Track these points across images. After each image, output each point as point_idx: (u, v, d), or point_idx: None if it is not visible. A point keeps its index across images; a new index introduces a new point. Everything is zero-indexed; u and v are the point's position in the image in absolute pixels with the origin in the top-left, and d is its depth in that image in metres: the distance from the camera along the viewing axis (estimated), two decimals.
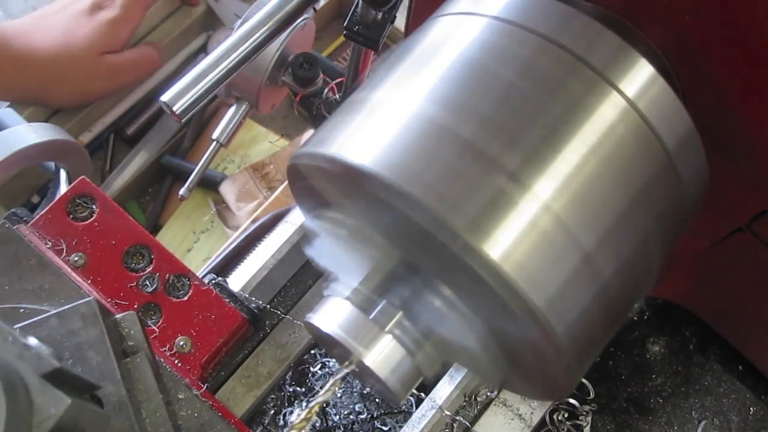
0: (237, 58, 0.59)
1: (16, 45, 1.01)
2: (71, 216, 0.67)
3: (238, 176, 1.15)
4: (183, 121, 0.59)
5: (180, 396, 0.55)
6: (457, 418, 0.71)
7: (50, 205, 0.67)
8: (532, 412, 0.73)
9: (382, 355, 0.48)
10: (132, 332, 0.53)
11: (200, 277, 0.68)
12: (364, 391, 0.78)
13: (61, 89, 1.07)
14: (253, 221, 1.00)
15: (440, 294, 0.47)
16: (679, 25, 0.50)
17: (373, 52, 0.74)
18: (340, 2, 1.25)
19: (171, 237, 1.12)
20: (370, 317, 0.49)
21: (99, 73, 1.08)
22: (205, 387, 0.58)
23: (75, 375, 0.42)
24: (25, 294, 0.56)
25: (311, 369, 0.79)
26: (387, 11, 0.64)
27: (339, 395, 0.77)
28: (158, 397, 0.50)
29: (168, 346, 0.64)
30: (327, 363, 0.79)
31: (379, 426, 0.76)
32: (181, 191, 0.80)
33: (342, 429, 0.76)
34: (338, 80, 0.88)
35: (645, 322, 0.83)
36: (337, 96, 0.88)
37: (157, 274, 0.66)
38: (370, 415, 0.77)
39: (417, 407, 0.72)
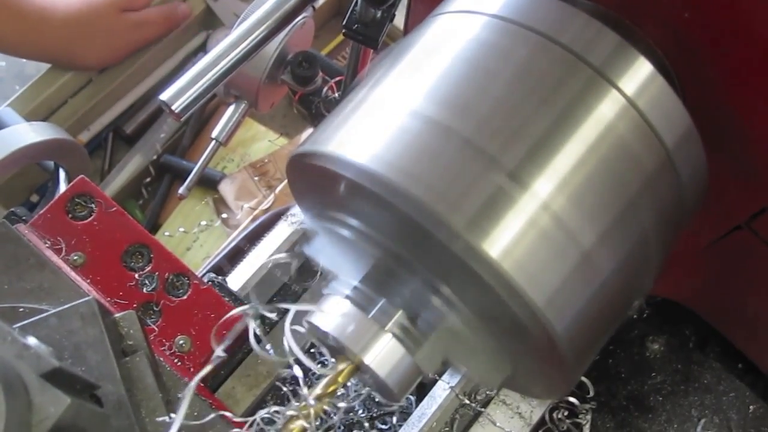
0: (236, 57, 0.59)
1: (37, 1, 1.02)
2: (70, 215, 0.67)
3: (237, 175, 1.14)
4: (182, 120, 0.59)
5: (179, 395, 0.55)
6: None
7: (49, 204, 0.67)
8: (531, 411, 0.73)
9: (382, 353, 0.48)
10: (131, 331, 0.53)
11: (199, 276, 0.68)
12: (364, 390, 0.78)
13: (85, 46, 1.07)
14: (253, 220, 1.00)
15: (439, 293, 0.47)
16: (678, 24, 0.50)
17: (372, 50, 0.74)
18: (339, 0, 1.25)
19: (170, 236, 1.12)
20: (370, 316, 0.49)
21: (121, 30, 1.08)
22: (204, 386, 0.58)
23: (74, 374, 0.42)
24: (24, 293, 0.56)
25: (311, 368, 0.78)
26: (386, 9, 0.64)
27: (338, 394, 0.77)
28: (158, 397, 0.50)
29: (167, 345, 0.64)
30: (326, 362, 0.78)
31: (379, 425, 0.76)
32: (181, 190, 0.80)
33: (342, 428, 0.76)
34: (337, 79, 0.88)
35: (644, 320, 0.83)
36: (336, 94, 0.88)
37: (157, 273, 0.66)
38: (369, 415, 0.76)
39: (417, 406, 0.72)
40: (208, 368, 0.48)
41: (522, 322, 0.43)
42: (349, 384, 0.51)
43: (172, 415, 0.49)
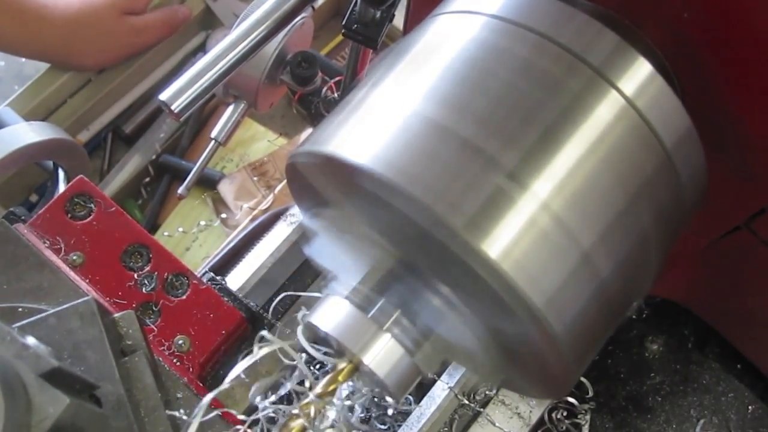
0: (235, 57, 0.59)
1: (38, 0, 1.02)
2: (69, 215, 0.67)
3: (237, 175, 1.14)
4: (181, 120, 0.59)
5: (179, 395, 0.55)
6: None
7: (48, 204, 0.67)
8: (530, 411, 0.73)
9: (381, 353, 0.48)
10: (130, 331, 0.53)
11: (199, 276, 0.68)
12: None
13: (84, 47, 1.07)
14: (252, 220, 1.00)
15: (439, 293, 0.47)
16: (677, 24, 0.50)
17: (371, 50, 0.74)
18: (338, 0, 1.25)
19: (169, 236, 1.12)
20: (369, 316, 0.49)
21: (121, 32, 1.09)
22: (203, 386, 0.58)
23: (73, 374, 0.42)
24: (23, 293, 0.56)
25: (310, 368, 0.78)
26: (385, 9, 0.64)
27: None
28: (157, 397, 0.50)
29: (166, 345, 0.64)
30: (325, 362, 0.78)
31: (378, 425, 0.76)
32: (180, 190, 0.80)
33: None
34: (337, 79, 0.88)
35: (644, 320, 0.84)
36: (336, 95, 0.88)
37: (156, 273, 0.66)
38: (368, 415, 0.76)
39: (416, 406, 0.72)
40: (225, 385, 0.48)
41: (521, 323, 0.43)
42: (350, 383, 0.51)
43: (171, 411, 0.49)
